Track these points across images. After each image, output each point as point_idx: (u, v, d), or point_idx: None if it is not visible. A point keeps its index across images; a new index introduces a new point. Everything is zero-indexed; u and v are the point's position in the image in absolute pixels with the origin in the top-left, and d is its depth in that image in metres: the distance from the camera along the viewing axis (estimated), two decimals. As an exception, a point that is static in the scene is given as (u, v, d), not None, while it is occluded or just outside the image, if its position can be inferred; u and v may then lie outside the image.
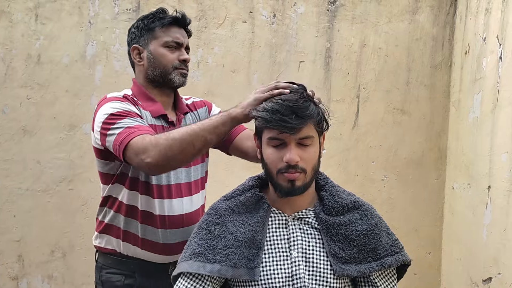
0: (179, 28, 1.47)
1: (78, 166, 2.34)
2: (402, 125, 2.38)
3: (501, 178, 1.78)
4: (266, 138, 1.11)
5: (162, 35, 1.44)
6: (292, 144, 1.07)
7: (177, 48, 1.45)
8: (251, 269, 1.11)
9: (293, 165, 1.07)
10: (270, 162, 1.11)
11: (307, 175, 1.10)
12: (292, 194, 1.11)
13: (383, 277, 1.19)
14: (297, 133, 1.06)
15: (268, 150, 1.11)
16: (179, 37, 1.45)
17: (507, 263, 1.71)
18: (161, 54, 1.43)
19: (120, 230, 1.45)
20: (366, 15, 2.34)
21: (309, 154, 1.09)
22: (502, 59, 1.82)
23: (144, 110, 1.42)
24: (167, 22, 1.45)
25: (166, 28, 1.45)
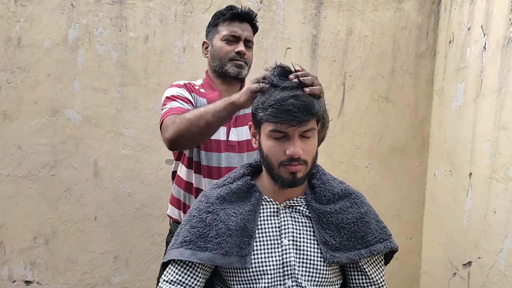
0: (240, 23, 1.59)
1: (60, 152, 2.30)
2: (386, 113, 2.41)
3: (482, 165, 1.83)
4: (267, 130, 1.09)
5: (222, 30, 1.59)
6: (296, 137, 1.07)
7: (234, 41, 1.59)
8: (242, 257, 1.12)
9: (296, 158, 1.07)
10: (272, 154, 1.10)
11: (308, 166, 1.11)
12: (293, 185, 1.12)
13: (372, 263, 1.22)
14: (303, 126, 1.06)
15: (269, 142, 1.10)
16: (237, 31, 1.58)
17: (487, 248, 1.76)
18: (219, 47, 1.59)
19: (180, 203, 1.65)
20: (352, 2, 2.34)
21: (310, 146, 1.10)
22: (486, 49, 1.86)
23: (202, 97, 1.59)
24: (227, 17, 1.59)
25: (228, 23, 1.59)
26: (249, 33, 1.62)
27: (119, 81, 2.31)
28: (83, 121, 2.30)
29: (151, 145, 2.34)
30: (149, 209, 2.36)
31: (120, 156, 2.33)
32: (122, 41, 2.30)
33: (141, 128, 2.33)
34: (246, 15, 1.61)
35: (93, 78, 2.30)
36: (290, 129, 1.06)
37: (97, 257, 2.37)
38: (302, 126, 1.05)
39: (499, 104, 1.72)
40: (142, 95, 2.32)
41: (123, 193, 2.35)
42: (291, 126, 1.05)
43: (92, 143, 2.32)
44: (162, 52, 2.31)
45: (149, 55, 2.31)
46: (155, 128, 2.33)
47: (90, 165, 2.33)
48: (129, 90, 2.32)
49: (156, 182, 2.36)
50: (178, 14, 2.31)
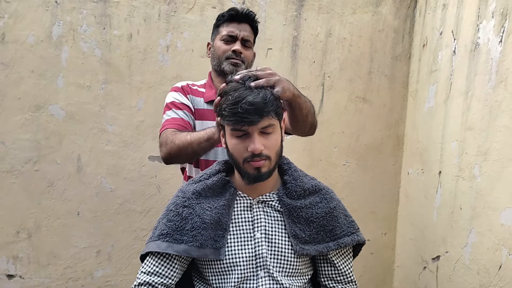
0: (238, 23, 1.68)
1: (44, 147, 2.33)
2: (363, 113, 2.49)
3: (450, 164, 1.92)
4: (229, 130, 1.16)
5: (222, 30, 1.69)
6: (255, 134, 1.12)
7: (232, 41, 1.67)
8: (216, 249, 1.18)
9: (258, 154, 1.13)
10: (236, 152, 1.16)
11: (272, 161, 1.17)
12: (259, 180, 1.17)
13: (340, 256, 1.29)
14: (258, 124, 1.12)
15: (232, 141, 1.16)
16: (234, 31, 1.67)
17: (454, 243, 1.86)
18: (218, 46, 1.69)
19: None
20: (332, 5, 2.40)
21: (271, 141, 1.15)
22: (455, 53, 1.94)
23: (198, 97, 1.70)
24: (226, 19, 1.69)
25: (227, 24, 1.68)
26: (247, 33, 1.69)
27: (103, 78, 2.34)
28: (66, 117, 2.33)
29: (134, 142, 2.38)
30: (131, 204, 2.41)
31: (103, 152, 2.37)
32: (106, 39, 2.33)
33: (124, 125, 2.37)
34: (244, 15, 1.68)
35: (77, 75, 2.33)
36: (247, 128, 1.12)
37: (80, 252, 2.41)
38: (255, 123, 1.11)
39: (466, 106, 1.81)
40: (126, 92, 2.36)
41: (106, 188, 2.39)
42: (247, 126, 1.11)
43: (76, 139, 2.35)
44: (145, 50, 2.36)
45: (133, 53, 2.35)
46: (138, 125, 2.38)
47: (73, 161, 2.36)
48: (113, 87, 2.35)
49: (138, 178, 2.40)
50: (161, 13, 2.35)
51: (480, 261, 1.66)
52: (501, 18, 1.60)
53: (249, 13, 1.70)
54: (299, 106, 1.36)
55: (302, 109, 1.38)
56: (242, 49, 1.67)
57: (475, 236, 1.71)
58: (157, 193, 2.42)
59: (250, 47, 1.72)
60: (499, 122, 1.58)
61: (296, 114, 1.39)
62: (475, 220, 1.71)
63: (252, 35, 1.72)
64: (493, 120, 1.62)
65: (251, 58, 1.73)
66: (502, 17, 1.60)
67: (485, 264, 1.62)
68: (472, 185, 1.74)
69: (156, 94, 2.37)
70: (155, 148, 2.39)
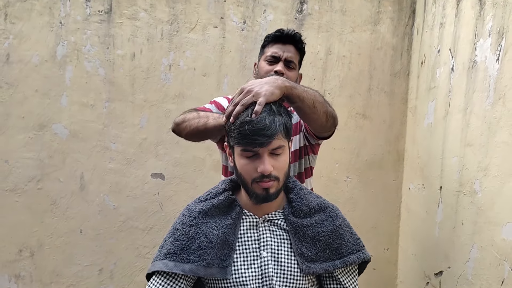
0: (283, 44, 1.68)
1: (47, 166, 2.35)
2: (363, 129, 2.52)
3: (451, 179, 1.94)
4: (239, 150, 1.17)
5: (266, 51, 1.70)
6: (265, 155, 1.14)
7: (275, 62, 1.67)
8: (223, 268, 1.19)
9: (267, 175, 1.14)
10: (245, 172, 1.17)
11: (280, 182, 1.18)
12: (267, 200, 1.18)
13: (346, 273, 1.30)
14: (269, 145, 1.13)
15: (241, 161, 1.17)
16: (277, 52, 1.67)
17: (456, 258, 1.86)
18: (262, 67, 1.70)
19: None
20: (331, 24, 2.45)
21: (281, 162, 1.17)
22: (453, 70, 1.98)
23: None
24: (271, 39, 1.71)
25: (271, 45, 1.69)
26: (291, 54, 1.68)
27: (106, 97, 2.38)
28: (70, 135, 2.36)
29: (137, 159, 2.40)
30: (134, 222, 2.41)
31: (106, 170, 2.39)
32: (110, 58, 2.37)
33: (127, 143, 2.39)
34: (289, 37, 1.69)
35: (81, 94, 2.36)
36: (257, 149, 1.13)
37: (82, 270, 2.40)
38: (267, 144, 1.13)
39: (465, 122, 1.83)
40: (129, 110, 2.39)
41: (108, 206, 2.40)
42: (257, 147, 1.13)
43: (79, 157, 2.37)
44: (148, 69, 2.39)
45: (135, 72, 2.39)
46: (141, 143, 2.40)
47: (76, 179, 2.37)
48: (116, 106, 2.38)
49: (141, 195, 2.42)
50: (164, 33, 2.40)
51: (483, 276, 1.66)
52: (498, 37, 1.64)
53: (294, 34, 1.70)
54: (299, 97, 1.31)
55: (304, 99, 1.32)
56: (285, 70, 1.66)
57: (477, 251, 1.72)
58: (160, 211, 2.43)
59: (294, 68, 1.71)
60: (498, 138, 1.60)
61: (300, 106, 1.34)
62: (477, 235, 1.72)
63: (296, 56, 1.72)
64: (492, 136, 1.64)
65: (294, 79, 1.70)
66: (498, 36, 1.64)
67: (488, 279, 1.63)
68: (473, 200, 1.75)
69: (159, 112, 2.40)
70: (157, 165, 2.41)
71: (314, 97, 1.37)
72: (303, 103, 1.33)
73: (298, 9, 2.44)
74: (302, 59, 1.79)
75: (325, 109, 1.42)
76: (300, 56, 1.75)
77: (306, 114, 1.40)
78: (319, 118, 1.42)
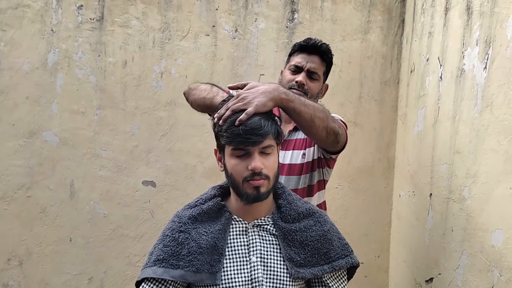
0: (308, 54, 1.67)
1: (37, 173, 2.33)
2: (354, 137, 2.53)
3: (440, 186, 1.95)
4: (230, 150, 1.19)
5: (291, 60, 1.70)
6: (256, 153, 1.16)
7: (297, 71, 1.67)
8: (212, 274, 1.19)
9: (258, 172, 1.15)
10: (236, 172, 1.18)
11: (270, 181, 1.19)
12: (257, 200, 1.19)
13: (335, 278, 1.30)
14: (259, 144, 1.15)
15: (232, 161, 1.19)
16: (300, 62, 1.66)
17: (446, 265, 1.87)
18: (285, 76, 1.70)
19: None
20: (322, 33, 2.48)
21: (270, 162, 1.19)
22: (442, 79, 2.01)
23: None
24: (297, 49, 1.71)
25: (297, 54, 1.69)
26: (315, 65, 1.67)
27: (97, 104, 2.37)
28: (60, 143, 2.35)
29: (128, 167, 2.39)
30: (124, 230, 2.40)
31: (96, 178, 2.37)
32: (101, 66, 2.37)
33: (118, 150, 2.38)
34: (314, 47, 1.67)
35: (72, 101, 2.35)
36: (249, 147, 1.16)
37: (72, 279, 2.38)
38: (258, 143, 1.15)
39: (454, 130, 1.85)
40: (120, 118, 2.39)
41: (99, 214, 2.38)
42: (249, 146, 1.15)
43: (69, 164, 2.36)
44: (140, 76, 2.40)
45: (127, 80, 2.39)
46: (132, 150, 2.39)
47: (66, 187, 2.36)
48: (107, 113, 2.38)
49: (132, 203, 2.40)
50: (156, 40, 2.41)
51: (473, 283, 1.67)
52: (485, 46, 1.67)
53: (321, 45, 1.68)
54: (295, 111, 1.32)
55: (301, 113, 1.33)
56: (307, 81, 1.65)
57: (466, 257, 1.73)
58: (151, 218, 2.42)
59: (317, 80, 1.69)
60: (486, 145, 1.62)
61: (296, 119, 1.36)
62: (466, 242, 1.73)
63: (322, 67, 1.70)
64: (480, 143, 1.66)
65: (316, 90, 1.70)
66: (486, 45, 1.67)
67: (478, 286, 1.64)
68: (462, 207, 1.77)
69: (150, 120, 2.40)
70: (149, 173, 2.40)
71: (314, 112, 1.36)
72: (300, 116, 1.34)
73: (289, 17, 2.47)
74: (329, 70, 1.77)
75: (325, 124, 1.41)
76: (326, 67, 1.73)
77: (303, 127, 1.41)
78: (317, 133, 1.41)
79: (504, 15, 1.55)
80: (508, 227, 1.47)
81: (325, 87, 1.80)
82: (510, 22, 1.51)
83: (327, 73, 1.77)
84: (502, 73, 1.54)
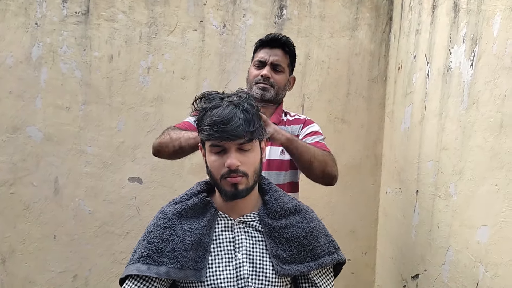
0: (270, 49, 1.72)
1: (20, 169, 2.29)
2: (342, 134, 2.53)
3: (427, 183, 1.96)
4: (208, 146, 1.17)
5: (255, 56, 1.74)
6: (232, 150, 1.14)
7: (262, 66, 1.71)
8: (197, 270, 1.17)
9: (234, 170, 1.13)
10: (214, 169, 1.17)
11: (249, 178, 1.17)
12: (236, 197, 1.17)
13: (321, 275, 1.29)
14: (235, 140, 1.13)
15: (211, 158, 1.17)
16: (263, 56, 1.71)
17: (432, 261, 1.88)
18: (250, 72, 1.75)
19: None
20: (310, 29, 2.47)
21: (249, 158, 1.16)
22: (429, 76, 2.01)
23: None
24: (259, 45, 1.76)
25: (259, 50, 1.74)
26: (278, 57, 1.72)
27: (83, 99, 2.34)
28: (44, 138, 2.31)
29: (113, 163, 2.36)
30: (110, 227, 2.37)
31: (81, 174, 2.34)
32: (86, 60, 2.33)
33: (104, 146, 2.35)
34: (274, 40, 1.72)
35: (56, 96, 2.31)
36: (225, 144, 1.13)
37: (56, 276, 2.34)
38: (232, 141, 1.13)
39: (441, 127, 1.86)
40: (106, 113, 2.35)
41: (84, 211, 2.35)
42: (225, 141, 1.13)
43: (53, 160, 2.32)
44: (126, 71, 2.36)
45: (113, 75, 2.35)
46: (118, 146, 2.36)
47: (50, 183, 2.32)
48: (93, 108, 2.34)
49: (118, 199, 2.37)
50: (143, 35, 2.37)
51: (458, 279, 1.68)
52: (472, 43, 1.68)
53: (281, 38, 1.73)
54: (297, 151, 1.50)
55: (302, 153, 1.51)
56: (272, 74, 1.70)
57: (452, 254, 1.74)
58: (137, 215, 2.39)
59: (282, 72, 1.74)
60: (472, 142, 1.63)
61: (296, 158, 1.53)
62: (452, 238, 1.74)
63: (285, 59, 1.74)
64: (466, 140, 1.67)
65: (283, 82, 1.74)
66: (472, 42, 1.67)
67: (463, 282, 1.65)
68: (448, 203, 1.78)
69: (137, 115, 2.37)
70: (135, 169, 2.38)
71: (314, 157, 1.54)
72: (301, 157, 1.52)
73: (278, 14, 2.46)
74: (293, 62, 1.80)
75: (322, 168, 1.58)
76: (289, 59, 1.77)
77: (302, 167, 1.59)
78: (313, 173, 1.61)
79: (491, 12, 1.56)
80: (493, 223, 1.48)
81: (292, 79, 1.84)
82: (497, 19, 1.52)
83: (292, 65, 1.81)
84: (488, 70, 1.55)
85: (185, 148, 1.52)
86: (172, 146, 1.54)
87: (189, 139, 1.51)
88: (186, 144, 1.51)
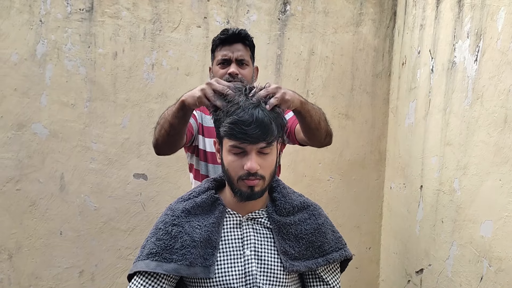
0: (230, 45, 1.69)
1: (26, 166, 2.31)
2: (346, 129, 2.54)
3: (431, 178, 1.97)
4: (228, 146, 1.16)
5: (217, 55, 1.71)
6: (253, 153, 1.13)
7: (227, 64, 1.69)
8: (206, 267, 1.18)
9: (253, 173, 1.13)
10: (232, 169, 1.16)
11: (266, 181, 1.18)
12: (251, 198, 1.18)
13: (328, 271, 1.30)
14: (258, 144, 1.12)
15: (229, 157, 1.16)
16: (226, 54, 1.69)
17: (436, 256, 1.90)
18: (216, 71, 1.72)
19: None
20: (314, 25, 2.47)
21: (268, 162, 1.16)
22: (433, 71, 2.02)
23: (208, 115, 1.71)
24: (218, 43, 1.71)
25: (220, 48, 1.70)
26: (241, 53, 1.70)
27: (87, 96, 2.34)
28: (49, 135, 2.32)
29: (119, 160, 2.37)
30: (116, 223, 2.39)
31: (87, 170, 2.35)
32: (91, 57, 2.34)
33: (109, 143, 2.36)
34: (234, 36, 1.70)
35: (61, 93, 2.32)
36: (247, 146, 1.13)
37: (62, 272, 2.36)
38: (255, 144, 1.12)
39: (445, 122, 1.87)
40: (111, 110, 2.36)
41: (89, 207, 2.36)
42: (247, 144, 1.12)
43: (59, 157, 2.33)
44: (131, 68, 2.37)
45: (117, 71, 2.36)
46: (123, 143, 2.37)
47: (56, 180, 2.33)
48: (97, 105, 2.35)
49: (123, 196, 2.39)
50: (147, 32, 2.38)
51: (462, 273, 1.70)
52: (476, 38, 1.68)
53: (239, 32, 1.71)
54: (309, 113, 1.37)
55: (312, 116, 1.39)
56: (238, 70, 1.69)
57: (456, 248, 1.75)
58: (142, 211, 2.41)
59: (248, 65, 1.73)
60: (476, 137, 1.64)
61: (308, 121, 1.39)
62: (456, 233, 1.75)
63: (247, 52, 1.73)
64: (470, 135, 1.68)
65: (249, 76, 1.74)
66: (476, 37, 1.68)
67: (467, 276, 1.66)
68: (452, 198, 1.79)
69: (141, 112, 2.38)
70: (140, 165, 2.39)
71: (320, 116, 1.45)
72: (312, 119, 1.40)
73: (282, 9, 2.46)
74: (253, 53, 1.80)
75: (326, 127, 1.52)
76: (251, 51, 1.77)
77: (310, 129, 1.45)
78: (321, 135, 1.50)
79: (495, 7, 1.56)
80: (497, 218, 1.49)
81: (256, 69, 1.84)
82: (501, 14, 1.52)
83: (253, 57, 1.80)
84: (492, 65, 1.55)
85: (174, 122, 1.39)
86: (164, 132, 1.43)
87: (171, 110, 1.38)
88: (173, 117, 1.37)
